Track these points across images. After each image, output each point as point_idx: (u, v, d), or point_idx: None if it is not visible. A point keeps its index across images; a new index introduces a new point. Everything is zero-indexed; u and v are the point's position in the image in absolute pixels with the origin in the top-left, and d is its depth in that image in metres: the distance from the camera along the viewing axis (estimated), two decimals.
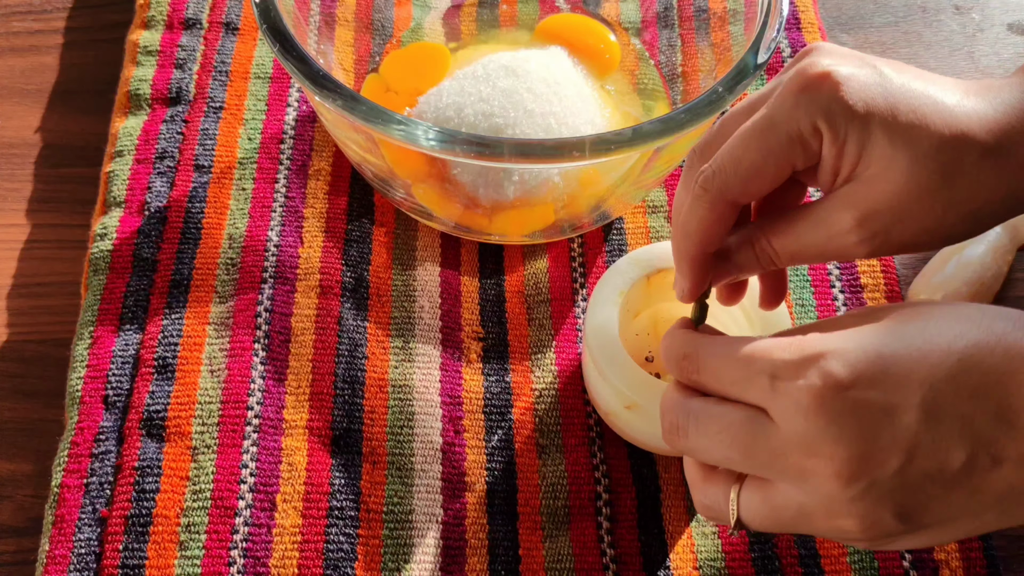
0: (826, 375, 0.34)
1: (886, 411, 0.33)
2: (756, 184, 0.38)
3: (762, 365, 0.35)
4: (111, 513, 0.47)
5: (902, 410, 0.33)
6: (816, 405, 0.33)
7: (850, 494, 0.34)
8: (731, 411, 0.36)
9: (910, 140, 0.36)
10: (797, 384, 0.34)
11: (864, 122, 0.36)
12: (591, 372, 0.49)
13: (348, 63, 0.61)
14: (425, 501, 0.48)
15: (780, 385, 0.34)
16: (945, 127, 0.37)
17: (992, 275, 0.55)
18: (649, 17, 0.64)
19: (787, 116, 0.37)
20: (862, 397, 0.33)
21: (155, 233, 0.56)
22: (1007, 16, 0.69)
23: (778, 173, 0.38)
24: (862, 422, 0.33)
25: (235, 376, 0.51)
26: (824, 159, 0.38)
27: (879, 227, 0.37)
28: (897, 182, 0.36)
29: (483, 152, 0.45)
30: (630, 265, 0.50)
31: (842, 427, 0.33)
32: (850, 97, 0.37)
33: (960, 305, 0.36)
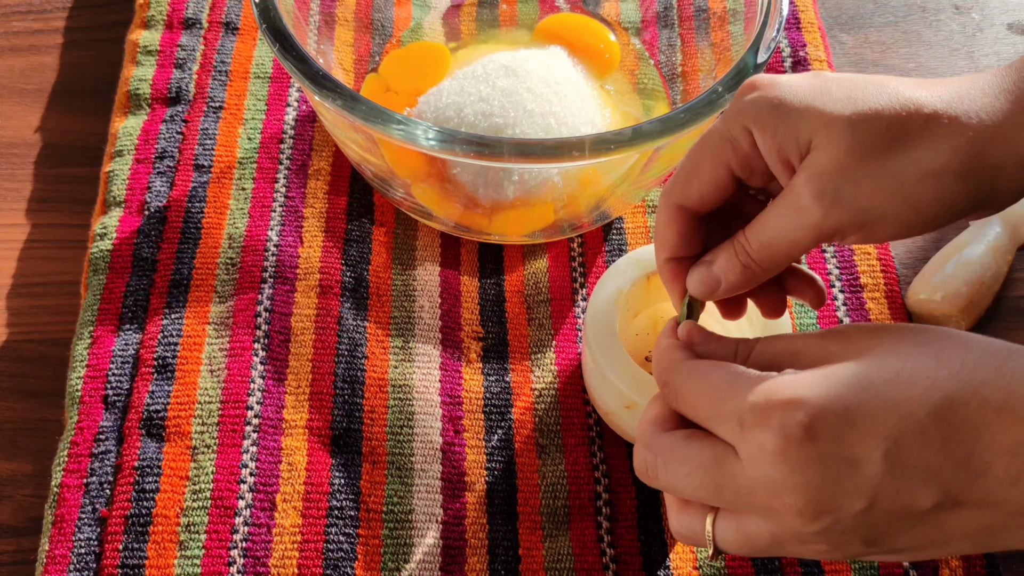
0: (790, 426, 0.34)
1: (849, 462, 0.34)
2: (695, 185, 0.40)
3: (732, 406, 0.36)
4: (111, 513, 0.47)
5: (866, 462, 0.34)
6: (780, 453, 0.34)
7: (815, 529, 0.35)
8: (701, 450, 0.37)
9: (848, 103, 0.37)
10: (763, 431, 0.34)
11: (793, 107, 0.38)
12: (591, 372, 0.49)
13: (348, 63, 0.61)
14: (425, 501, 0.48)
15: (748, 430, 0.35)
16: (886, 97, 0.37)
17: (992, 275, 0.55)
18: (649, 17, 0.64)
19: (721, 123, 0.39)
20: (825, 449, 0.34)
21: (155, 233, 0.56)
22: (1007, 16, 0.69)
23: (714, 172, 0.40)
24: (825, 472, 0.34)
25: (235, 376, 0.51)
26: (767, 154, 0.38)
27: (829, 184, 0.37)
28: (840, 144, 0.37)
29: (483, 152, 0.45)
30: (630, 265, 0.50)
31: (805, 475, 0.34)
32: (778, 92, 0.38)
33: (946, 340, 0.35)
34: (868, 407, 0.34)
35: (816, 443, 0.34)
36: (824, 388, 0.34)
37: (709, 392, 0.37)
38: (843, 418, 0.34)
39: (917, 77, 0.65)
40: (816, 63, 0.63)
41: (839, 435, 0.34)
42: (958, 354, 0.34)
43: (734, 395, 0.36)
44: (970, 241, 0.56)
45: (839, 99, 0.37)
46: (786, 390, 0.35)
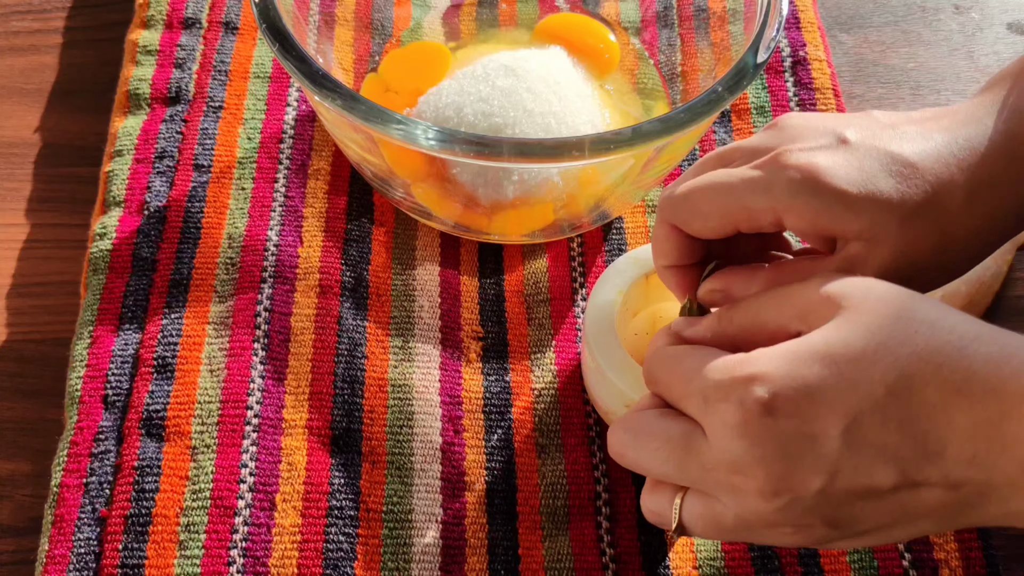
0: (751, 400, 0.34)
1: (807, 437, 0.34)
2: (697, 225, 0.41)
3: (698, 383, 0.36)
4: (111, 513, 0.47)
5: (824, 438, 0.34)
6: (741, 427, 0.34)
7: (775, 506, 0.35)
8: (670, 426, 0.38)
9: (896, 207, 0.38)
10: (724, 405, 0.35)
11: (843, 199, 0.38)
12: (591, 371, 0.49)
13: (347, 63, 0.61)
14: (425, 501, 0.48)
15: (711, 405, 0.36)
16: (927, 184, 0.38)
17: (992, 274, 0.55)
18: (649, 16, 0.64)
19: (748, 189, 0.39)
20: (784, 425, 0.34)
21: (154, 233, 0.56)
22: (1007, 16, 0.69)
23: (721, 225, 0.40)
24: (783, 447, 0.34)
25: (234, 376, 0.51)
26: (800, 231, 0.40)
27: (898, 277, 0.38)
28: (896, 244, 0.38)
29: (482, 152, 0.45)
30: (629, 264, 0.50)
31: (764, 449, 0.34)
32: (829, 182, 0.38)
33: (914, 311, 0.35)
34: (828, 384, 0.34)
35: (775, 418, 0.34)
36: (786, 364, 0.35)
37: (681, 372, 0.38)
38: (803, 394, 0.34)
39: (917, 76, 0.65)
40: (816, 63, 0.63)
41: (798, 411, 0.34)
42: (925, 331, 0.35)
43: (700, 373, 0.36)
44: None
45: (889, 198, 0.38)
46: (747, 366, 0.35)
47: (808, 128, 0.40)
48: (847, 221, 0.38)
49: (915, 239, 0.38)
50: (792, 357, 0.35)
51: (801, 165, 0.39)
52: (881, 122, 0.40)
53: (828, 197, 0.38)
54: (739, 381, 0.35)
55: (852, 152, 0.39)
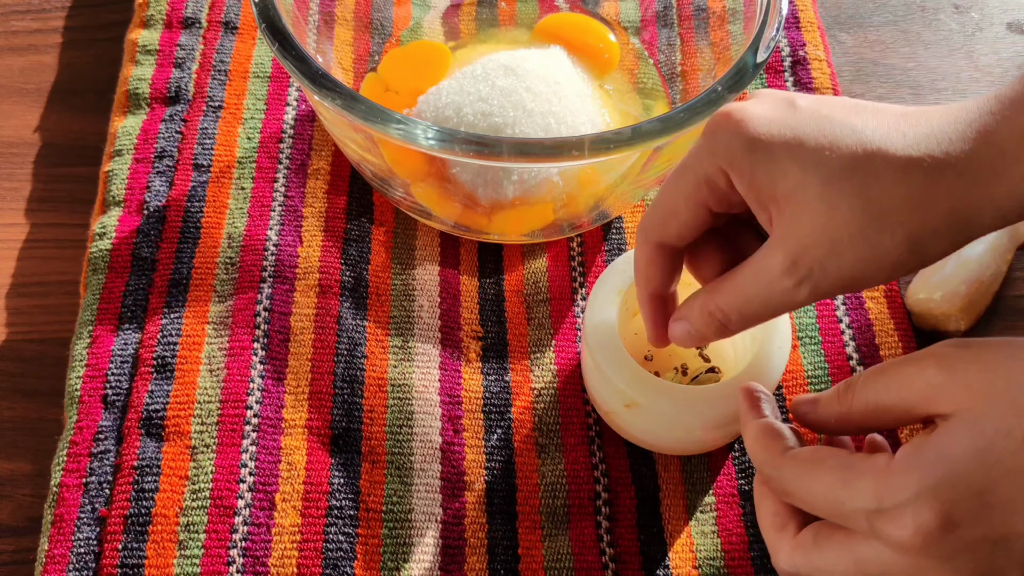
0: (926, 523, 0.33)
1: (997, 542, 0.33)
2: (673, 224, 0.40)
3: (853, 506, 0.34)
4: (110, 512, 0.47)
5: (1015, 538, 0.33)
6: (923, 549, 0.33)
7: None
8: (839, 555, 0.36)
9: (819, 162, 0.35)
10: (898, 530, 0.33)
11: (768, 153, 0.36)
12: (590, 371, 0.49)
13: (347, 62, 0.61)
14: (424, 500, 0.48)
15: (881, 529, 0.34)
16: (856, 144, 0.35)
17: (991, 274, 0.55)
18: (648, 16, 0.64)
19: (694, 160, 0.39)
20: (969, 535, 0.33)
21: (154, 232, 0.56)
22: (1006, 15, 0.69)
23: (692, 213, 0.39)
24: (977, 557, 0.33)
25: (234, 375, 0.51)
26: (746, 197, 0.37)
27: (813, 263, 0.36)
28: (815, 209, 0.35)
29: (482, 151, 0.45)
30: (629, 264, 0.50)
31: (956, 562, 0.33)
32: (751, 132, 0.36)
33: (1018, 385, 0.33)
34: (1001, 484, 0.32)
35: (958, 531, 0.33)
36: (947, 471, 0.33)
37: (824, 493, 0.36)
38: (978, 501, 0.33)
39: (917, 76, 0.65)
40: (815, 62, 0.63)
41: (979, 519, 0.33)
42: None
43: (852, 495, 0.35)
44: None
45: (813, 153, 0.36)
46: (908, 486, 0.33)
47: (764, 93, 0.39)
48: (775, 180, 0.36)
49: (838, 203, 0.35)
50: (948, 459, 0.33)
51: (734, 117, 0.37)
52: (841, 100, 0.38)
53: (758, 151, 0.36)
54: (904, 505, 0.33)
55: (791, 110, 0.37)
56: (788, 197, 0.36)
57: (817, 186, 0.35)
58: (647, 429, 0.48)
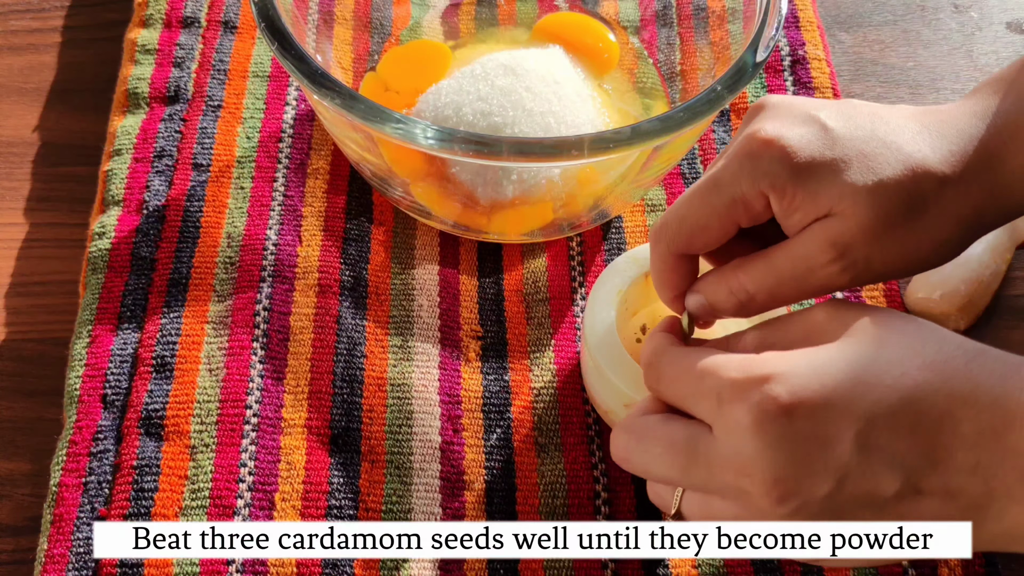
0: (768, 400, 0.34)
1: (821, 440, 0.34)
2: (701, 239, 0.41)
3: (711, 383, 0.36)
4: (110, 512, 0.47)
5: (837, 441, 0.34)
6: (756, 427, 0.35)
7: (781, 512, 0.35)
8: (675, 431, 0.38)
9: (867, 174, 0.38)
10: (740, 405, 0.35)
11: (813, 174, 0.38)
12: (590, 371, 0.49)
13: (347, 61, 0.61)
14: (424, 500, 0.48)
15: (725, 405, 0.36)
16: (899, 162, 0.38)
17: (991, 273, 0.55)
18: (648, 16, 0.64)
19: (731, 180, 0.39)
20: (800, 426, 0.34)
21: (153, 232, 0.56)
22: (1006, 15, 0.69)
23: (722, 230, 0.40)
24: (797, 449, 0.34)
25: (233, 375, 0.51)
26: (779, 213, 0.39)
27: (859, 255, 0.38)
28: (864, 212, 0.38)
29: (482, 151, 0.45)
30: (628, 264, 0.50)
31: (777, 451, 0.34)
32: (795, 158, 0.38)
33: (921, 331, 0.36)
34: (844, 388, 0.35)
35: (791, 420, 0.34)
36: (803, 367, 0.35)
37: (689, 370, 0.38)
38: (820, 397, 0.34)
39: (916, 76, 0.65)
40: (815, 62, 0.63)
41: (814, 414, 0.34)
42: (933, 346, 0.36)
43: (714, 373, 0.36)
44: None
45: (856, 167, 0.38)
46: (766, 366, 0.35)
47: (786, 106, 0.40)
48: (819, 194, 0.38)
49: (887, 207, 0.38)
50: (809, 360, 0.35)
51: (772, 140, 0.39)
52: (860, 108, 0.40)
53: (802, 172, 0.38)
54: (756, 380, 0.35)
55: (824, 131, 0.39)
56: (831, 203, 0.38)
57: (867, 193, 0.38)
58: None
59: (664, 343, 0.41)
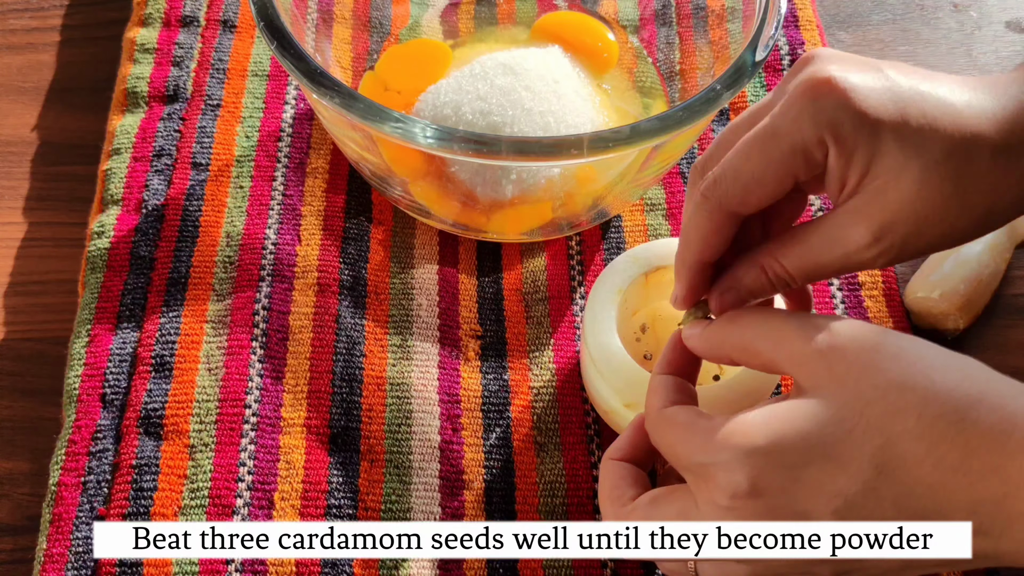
0: (736, 482, 0.35)
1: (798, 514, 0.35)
2: (756, 194, 0.38)
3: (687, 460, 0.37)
4: (109, 511, 0.47)
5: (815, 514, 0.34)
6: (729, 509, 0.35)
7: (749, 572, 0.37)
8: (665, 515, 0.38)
9: (921, 146, 0.36)
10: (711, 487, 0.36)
11: (875, 130, 0.36)
12: (589, 370, 0.49)
13: (346, 61, 0.61)
14: (423, 499, 0.48)
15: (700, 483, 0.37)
16: (955, 130, 0.36)
17: (990, 273, 0.55)
18: (647, 15, 0.64)
19: (791, 126, 0.36)
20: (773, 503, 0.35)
21: (152, 231, 0.56)
22: (1005, 14, 0.69)
23: (779, 184, 0.37)
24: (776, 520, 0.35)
25: (233, 374, 0.51)
26: (831, 169, 0.37)
27: (897, 239, 0.36)
28: (910, 191, 0.36)
29: (481, 150, 0.45)
30: (628, 263, 0.50)
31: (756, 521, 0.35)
32: (860, 105, 0.36)
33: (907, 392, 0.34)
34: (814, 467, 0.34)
35: (764, 498, 0.35)
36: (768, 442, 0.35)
37: (672, 442, 0.38)
38: (789, 477, 0.34)
39: None
40: None
41: (785, 492, 0.34)
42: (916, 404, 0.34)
43: (688, 448, 0.37)
44: None
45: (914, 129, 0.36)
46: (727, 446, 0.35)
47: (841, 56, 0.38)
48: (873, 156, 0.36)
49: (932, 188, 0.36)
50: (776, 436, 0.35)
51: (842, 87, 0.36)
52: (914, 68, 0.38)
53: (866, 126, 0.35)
54: (722, 465, 0.35)
55: (889, 81, 0.36)
56: (880, 174, 0.36)
57: (916, 170, 0.35)
58: None
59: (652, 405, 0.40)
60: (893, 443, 0.33)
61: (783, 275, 0.39)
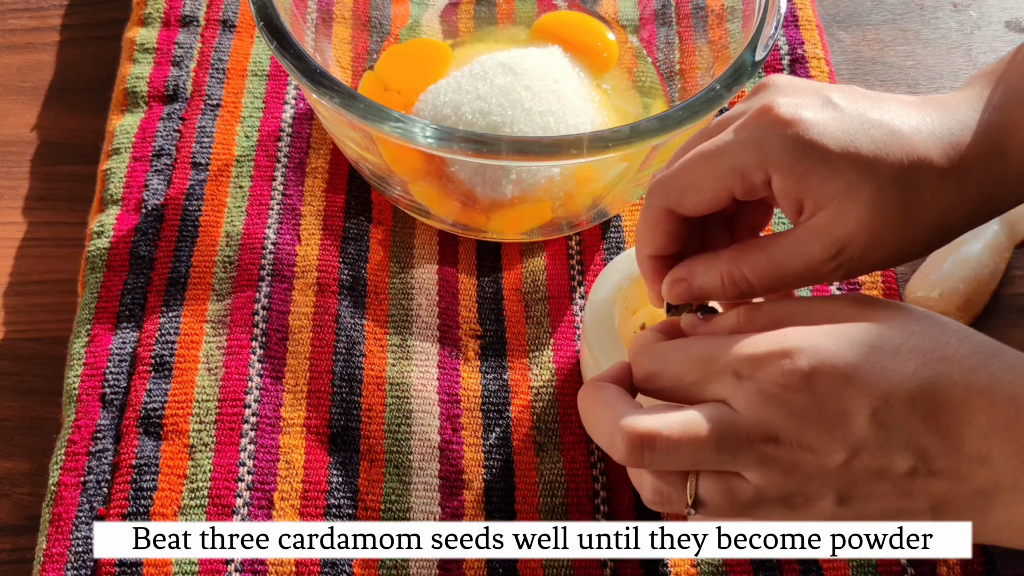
0: (791, 371, 0.36)
1: (840, 413, 0.35)
2: (693, 199, 0.40)
3: (726, 362, 0.37)
4: (108, 511, 0.47)
5: (855, 415, 0.35)
6: (780, 397, 0.36)
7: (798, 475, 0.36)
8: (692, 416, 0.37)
9: (874, 171, 0.38)
10: (763, 375, 0.36)
11: (825, 158, 0.38)
12: (589, 369, 0.49)
13: (345, 60, 0.61)
14: (423, 499, 0.48)
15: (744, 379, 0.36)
16: (903, 155, 0.38)
17: (990, 272, 0.55)
18: (647, 15, 0.64)
19: (734, 148, 0.39)
20: (820, 396, 0.35)
21: (152, 231, 0.56)
22: (1004, 14, 0.69)
23: (715, 194, 0.40)
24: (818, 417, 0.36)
25: (232, 374, 0.51)
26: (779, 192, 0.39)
27: (855, 253, 0.39)
28: (864, 212, 0.38)
29: (481, 150, 0.45)
30: (628, 262, 0.50)
31: (799, 418, 0.36)
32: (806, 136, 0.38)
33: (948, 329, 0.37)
34: (865, 368, 0.36)
35: (813, 390, 0.35)
36: (826, 343, 0.36)
37: (697, 356, 0.38)
38: (840, 372, 0.35)
39: (915, 75, 0.65)
40: (814, 61, 0.63)
41: (835, 387, 0.35)
42: (955, 341, 0.37)
43: (727, 351, 0.37)
44: (968, 239, 0.56)
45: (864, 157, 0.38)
46: (786, 340, 0.36)
47: (794, 86, 0.40)
48: (826, 181, 0.38)
49: (884, 209, 0.38)
50: (832, 338, 0.36)
51: (788, 119, 0.38)
52: (865, 93, 0.41)
53: (813, 154, 0.38)
54: (777, 354, 0.36)
55: (836, 112, 0.39)
56: (835, 196, 0.38)
57: (869, 193, 0.38)
58: None
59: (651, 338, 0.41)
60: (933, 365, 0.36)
61: (741, 281, 0.41)
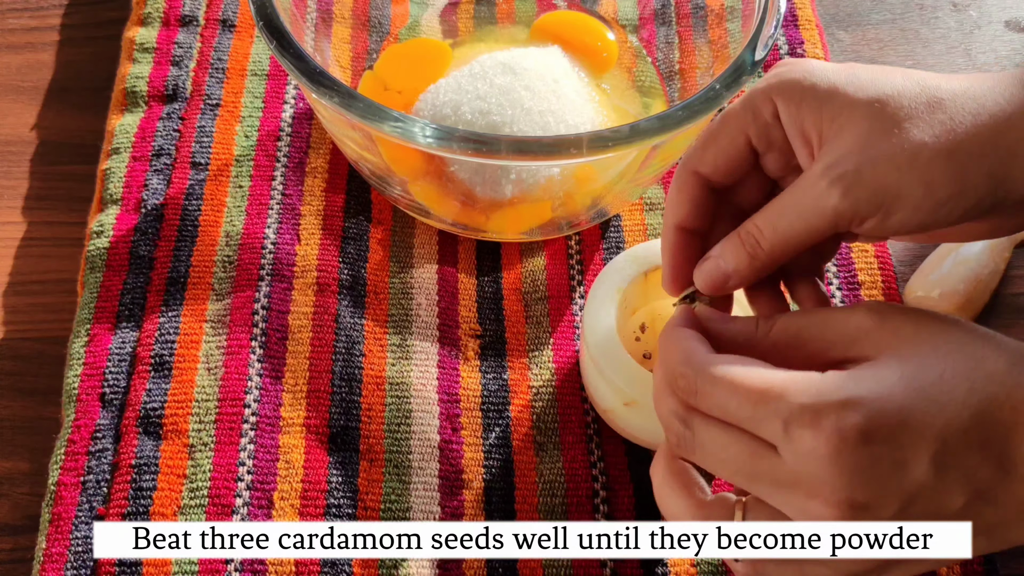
0: (846, 428, 0.33)
1: (898, 464, 0.34)
2: (712, 152, 0.40)
3: (776, 407, 0.35)
4: (108, 511, 0.47)
5: (914, 464, 0.34)
6: (833, 456, 0.34)
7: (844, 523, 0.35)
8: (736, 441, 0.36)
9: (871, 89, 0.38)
10: (814, 433, 0.34)
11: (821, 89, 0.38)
12: (589, 369, 0.49)
13: (345, 60, 0.61)
14: (422, 499, 0.48)
15: (795, 431, 0.34)
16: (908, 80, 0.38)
17: (989, 272, 0.55)
18: (647, 14, 0.64)
19: (747, 94, 0.40)
20: (878, 451, 0.33)
21: (152, 230, 0.56)
22: (1004, 13, 0.69)
23: (733, 141, 0.40)
24: (874, 474, 0.34)
25: (232, 374, 0.51)
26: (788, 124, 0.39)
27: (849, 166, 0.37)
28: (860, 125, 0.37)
29: (480, 149, 0.45)
30: (628, 262, 0.50)
31: (852, 478, 0.34)
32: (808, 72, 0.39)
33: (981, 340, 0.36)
34: (919, 411, 0.34)
35: (870, 446, 0.33)
36: (877, 389, 0.34)
37: (745, 394, 0.36)
38: (897, 420, 0.34)
39: None
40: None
41: (892, 437, 0.34)
42: (993, 355, 0.35)
43: (780, 396, 0.35)
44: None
45: (864, 83, 0.38)
46: (839, 391, 0.34)
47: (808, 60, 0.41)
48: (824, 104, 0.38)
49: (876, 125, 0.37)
50: (880, 382, 0.34)
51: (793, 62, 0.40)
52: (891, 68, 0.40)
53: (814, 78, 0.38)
54: (831, 407, 0.34)
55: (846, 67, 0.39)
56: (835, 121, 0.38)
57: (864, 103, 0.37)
58: (645, 427, 0.48)
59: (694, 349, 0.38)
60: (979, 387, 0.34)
61: (748, 237, 0.39)
